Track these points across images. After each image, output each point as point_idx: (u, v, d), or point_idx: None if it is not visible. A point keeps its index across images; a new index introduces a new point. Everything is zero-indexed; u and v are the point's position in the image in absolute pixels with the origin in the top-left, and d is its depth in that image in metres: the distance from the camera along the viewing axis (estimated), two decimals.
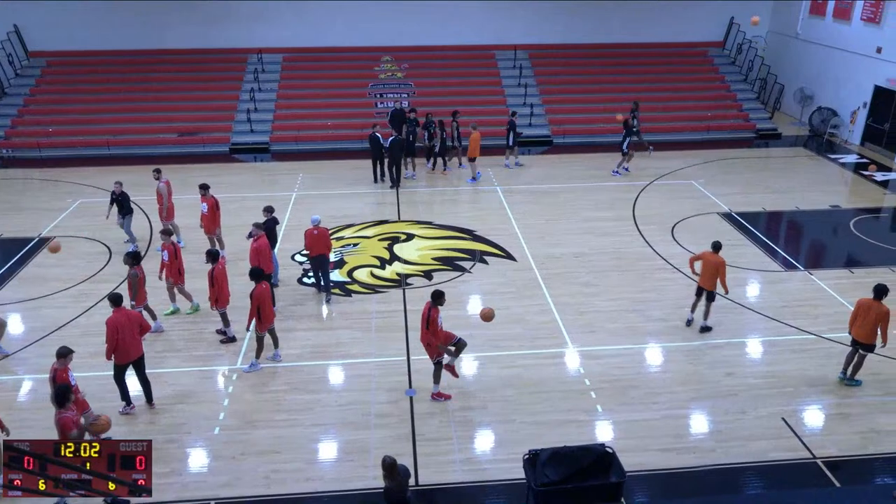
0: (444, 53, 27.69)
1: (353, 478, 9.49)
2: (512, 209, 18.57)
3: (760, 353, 12.41)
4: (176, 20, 26.38)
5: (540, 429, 10.35)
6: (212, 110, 25.19)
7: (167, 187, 15.83)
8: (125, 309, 10.48)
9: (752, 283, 14.80)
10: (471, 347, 12.40)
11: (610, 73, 27.27)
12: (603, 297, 14.08)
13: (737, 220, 17.84)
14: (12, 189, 20.45)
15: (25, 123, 24.22)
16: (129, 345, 10.29)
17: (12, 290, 14.47)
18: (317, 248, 13.74)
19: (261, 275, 11.48)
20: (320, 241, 13.69)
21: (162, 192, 15.74)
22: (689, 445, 10.10)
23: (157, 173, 15.96)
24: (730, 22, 28.51)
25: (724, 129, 25.13)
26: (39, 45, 26.56)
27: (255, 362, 11.80)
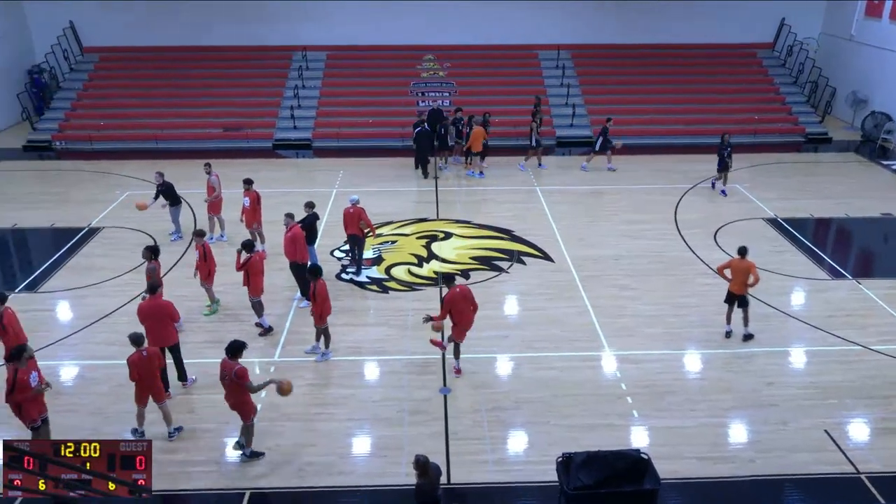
0: (486, 53, 27.64)
1: (385, 474, 9.55)
2: (551, 210, 18.44)
3: (804, 362, 12.09)
4: (224, 18, 26.90)
5: (574, 432, 10.26)
6: (256, 106, 25.61)
7: (217, 180, 16.24)
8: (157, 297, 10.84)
9: (797, 291, 14.42)
10: (505, 348, 12.41)
11: (654, 74, 26.86)
12: (641, 301, 13.89)
13: (782, 226, 17.42)
14: (64, 180, 21.11)
15: (78, 117, 24.97)
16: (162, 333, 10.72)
17: (61, 278, 14.93)
18: (350, 226, 14.55)
19: (318, 272, 11.70)
20: (352, 219, 14.45)
21: (214, 185, 16.18)
22: (727, 455, 9.90)
23: (207, 167, 16.33)
24: (780, 23, 27.81)
25: (771, 132, 24.54)
26: (93, 40, 27.38)
27: (328, 352, 12.08)
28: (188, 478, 9.47)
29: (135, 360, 9.65)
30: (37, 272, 15.21)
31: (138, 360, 9.64)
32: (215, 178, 16.25)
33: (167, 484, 9.35)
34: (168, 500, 9.18)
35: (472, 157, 21.37)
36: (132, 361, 9.66)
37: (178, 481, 9.41)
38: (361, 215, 14.53)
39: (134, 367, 9.66)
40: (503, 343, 12.55)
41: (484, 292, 14.28)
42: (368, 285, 14.61)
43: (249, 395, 9.57)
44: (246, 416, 9.62)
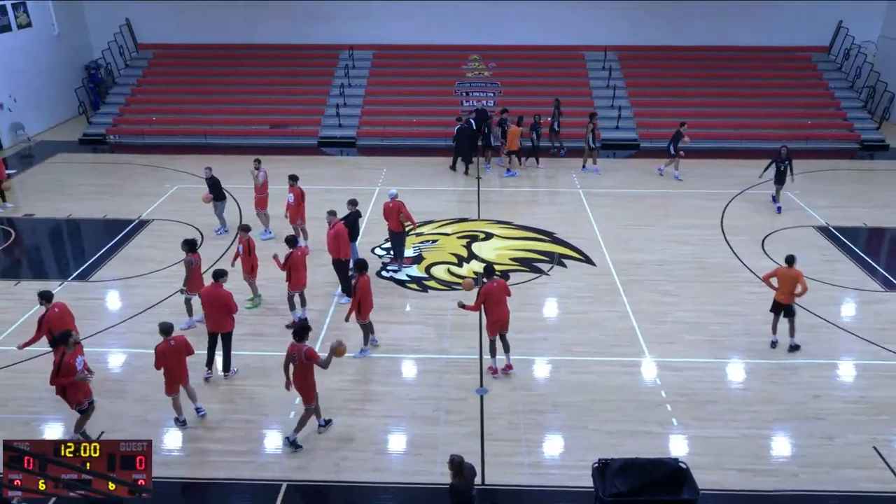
0: (532, 53, 27.48)
1: (419, 472, 9.58)
2: (594, 213, 18.26)
3: (853, 376, 11.71)
4: (273, 17, 27.35)
5: (611, 438, 10.14)
6: (302, 104, 25.97)
7: (265, 176, 16.56)
8: (218, 285, 11.17)
9: (848, 302, 13.99)
10: (543, 350, 12.34)
11: (703, 77, 26.37)
12: (684, 308, 13.65)
13: (834, 235, 16.91)
14: (117, 173, 21.74)
15: (131, 111, 25.69)
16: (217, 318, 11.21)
17: (112, 268, 15.38)
18: (389, 220, 14.78)
19: (365, 267, 11.78)
20: (391, 213, 14.66)
21: (263, 181, 16.53)
22: (770, 468, 9.66)
23: (257, 163, 16.68)
24: (837, 25, 26.97)
25: (825, 138, 23.84)
26: (148, 37, 28.17)
27: (365, 349, 12.18)
28: (228, 467, 9.66)
29: (162, 350, 9.93)
30: (89, 262, 15.70)
31: (166, 350, 9.92)
32: (263, 174, 16.53)
33: (207, 473, 9.57)
34: (207, 489, 9.38)
35: (511, 157, 21.45)
36: (160, 351, 9.95)
37: (219, 470, 9.61)
38: (401, 209, 14.66)
39: (161, 357, 9.95)
40: (542, 345, 12.47)
41: (524, 294, 14.24)
42: (408, 284, 14.68)
43: (314, 378, 9.81)
44: (309, 398, 9.91)
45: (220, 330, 11.26)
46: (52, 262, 16.22)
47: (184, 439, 10.24)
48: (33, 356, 11.67)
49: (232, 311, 11.24)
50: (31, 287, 14.43)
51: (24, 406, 10.85)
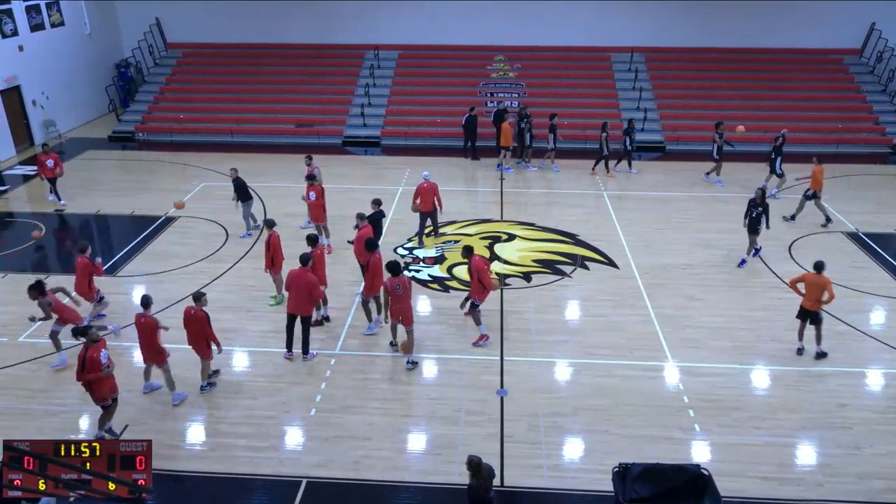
0: (557, 54, 27.36)
1: (438, 472, 9.59)
2: (618, 215, 18.12)
3: (881, 385, 11.48)
4: (299, 16, 27.56)
5: (632, 442, 10.06)
6: (328, 103, 26.13)
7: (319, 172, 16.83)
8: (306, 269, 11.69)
9: (877, 310, 13.72)
10: (565, 353, 12.28)
11: (731, 80, 25.99)
12: (709, 313, 13.49)
13: (864, 241, 16.60)
14: (145, 170, 22.07)
15: (160, 109, 26.05)
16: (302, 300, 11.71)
17: (139, 263, 15.62)
18: (425, 201, 15.97)
19: (375, 245, 12.42)
20: (428, 194, 15.91)
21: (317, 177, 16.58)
22: (794, 476, 9.51)
23: (308, 159, 17.24)
24: (870, 27, 26.47)
25: (856, 142, 23.40)
26: (177, 37, 28.56)
27: (371, 325, 12.72)
28: (249, 462, 9.75)
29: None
30: (116, 257, 15.95)
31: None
32: (316, 170, 16.81)
33: (228, 467, 9.67)
34: (228, 483, 9.47)
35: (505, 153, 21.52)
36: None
37: (240, 465, 9.71)
38: (436, 191, 15.97)
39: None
40: (563, 348, 12.41)
41: (546, 296, 14.19)
42: (430, 284, 14.69)
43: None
44: (410, 321, 11.66)
45: (301, 312, 11.78)
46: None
47: (207, 434, 10.36)
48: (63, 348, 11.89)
49: (316, 296, 11.87)
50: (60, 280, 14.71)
51: (53, 398, 11.05)
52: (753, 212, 15.10)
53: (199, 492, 9.38)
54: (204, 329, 10.84)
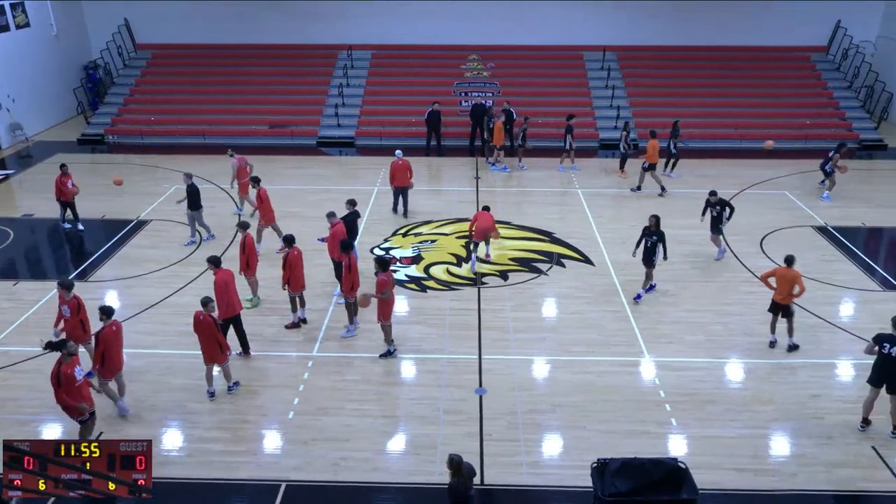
0: (531, 53, 27.48)
1: (418, 472, 9.58)
2: (593, 213, 18.26)
3: (852, 376, 11.71)
4: (271, 17, 27.34)
5: (610, 438, 10.14)
6: (301, 104, 25.95)
7: (238, 163, 17.16)
8: (225, 269, 11.76)
9: (847, 302, 14.00)
10: (542, 351, 12.34)
11: (702, 77, 26.38)
12: (683, 308, 13.65)
13: (833, 235, 16.92)
14: (115, 173, 21.64)
15: (130, 112, 25.67)
16: (233, 301, 11.65)
17: (111, 268, 15.37)
18: (398, 178, 17.26)
19: (349, 246, 12.34)
20: (401, 170, 17.22)
21: (234, 168, 17.12)
22: (769, 467, 9.66)
23: (230, 152, 17.48)
24: (836, 25, 26.99)
25: (823, 137, 23.79)
26: (146, 37, 28.14)
27: (350, 327, 12.62)
28: (227, 467, 9.65)
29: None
30: (87, 262, 15.69)
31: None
32: (236, 161, 17.18)
33: (206, 472, 9.56)
34: (206, 489, 9.36)
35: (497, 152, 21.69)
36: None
37: (217, 470, 9.60)
38: (409, 167, 17.33)
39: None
40: (540, 345, 12.48)
41: (522, 294, 14.25)
42: (407, 284, 14.67)
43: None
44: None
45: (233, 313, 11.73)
46: (51, 262, 16.22)
47: (183, 439, 10.24)
48: (33, 356, 11.67)
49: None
50: (30, 287, 14.46)
51: (22, 406, 10.83)
52: (647, 241, 13.57)
53: (176, 498, 9.24)
54: (214, 333, 10.73)
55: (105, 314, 10.28)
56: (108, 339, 10.23)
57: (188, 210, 16.03)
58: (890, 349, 9.80)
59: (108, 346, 10.22)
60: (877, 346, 9.97)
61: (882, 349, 9.88)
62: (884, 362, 9.92)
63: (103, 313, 10.28)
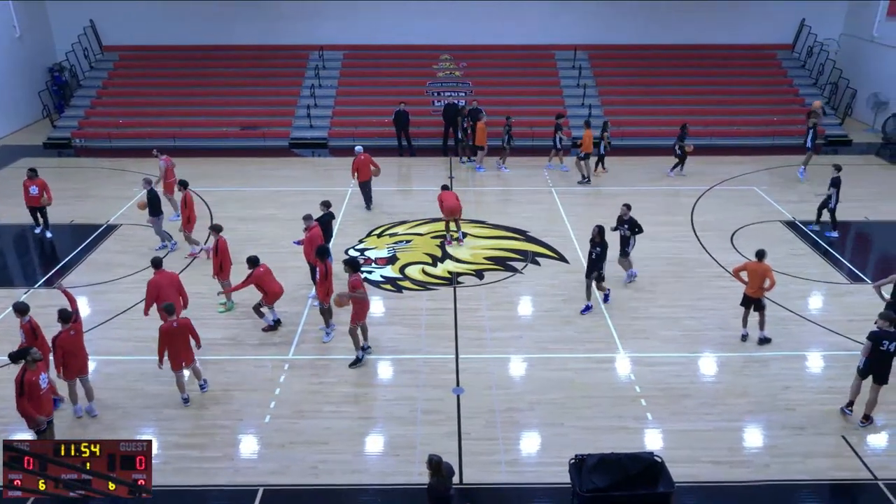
0: (502, 53, 27.57)
1: (397, 472, 9.56)
2: (566, 211, 18.38)
3: (821, 367, 11.96)
4: (241, 17, 27.04)
5: (587, 434, 10.22)
6: (273, 105, 25.73)
7: (166, 164, 17.19)
8: (165, 271, 11.90)
9: (815, 295, 14.28)
10: (519, 349, 12.39)
11: (671, 76, 26.70)
12: (657, 304, 13.80)
13: (801, 230, 17.24)
14: (83, 177, 21.34)
15: (97, 114, 25.21)
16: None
17: (80, 274, 15.09)
18: (363, 172, 17.86)
19: (326, 252, 12.35)
20: (364, 165, 17.81)
21: (161, 169, 17.15)
22: (743, 459, 9.82)
23: (157, 152, 17.55)
24: (800, 24, 27.52)
25: (790, 134, 24.23)
26: (113, 39, 27.62)
27: (329, 330, 12.58)
28: (203, 474, 9.53)
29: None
30: (56, 268, 15.38)
31: (168, 330, 10.49)
32: (164, 161, 17.21)
33: (182, 479, 9.43)
34: (183, 496, 9.24)
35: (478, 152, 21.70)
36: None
37: (194, 477, 9.48)
38: (371, 160, 17.86)
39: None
40: (517, 343, 12.53)
41: (498, 293, 14.30)
42: (383, 284, 14.63)
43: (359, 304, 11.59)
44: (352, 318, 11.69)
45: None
46: (18, 269, 15.87)
47: (158, 446, 10.07)
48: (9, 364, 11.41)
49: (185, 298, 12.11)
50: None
51: None
52: (592, 252, 13.13)
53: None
54: (191, 334, 10.72)
55: (62, 319, 10.13)
56: (65, 344, 10.09)
57: (149, 216, 15.77)
58: (889, 345, 9.91)
59: (66, 352, 10.12)
60: (872, 343, 10.04)
61: (881, 346, 9.95)
62: (881, 357, 10.03)
63: (60, 318, 10.12)
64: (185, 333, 10.61)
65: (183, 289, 12.07)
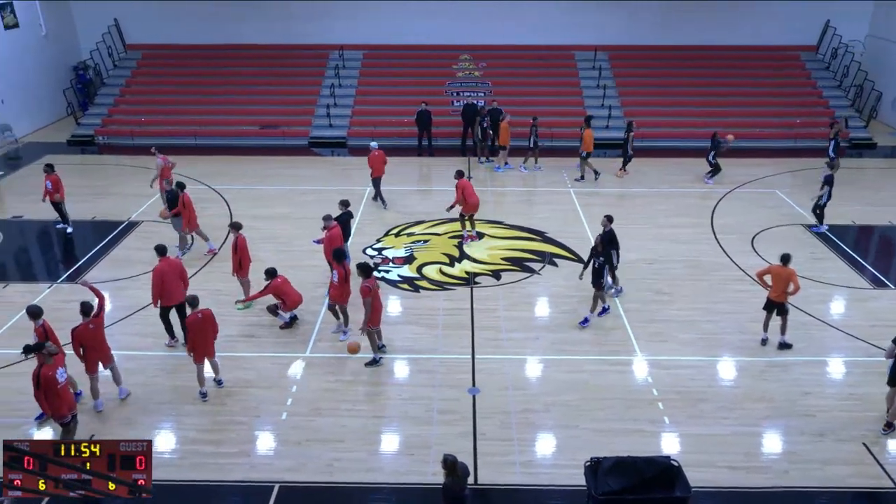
0: (522, 53, 27.49)
1: (412, 472, 9.57)
2: (585, 212, 18.29)
3: (843, 373, 11.79)
4: (262, 17, 27.24)
5: (603, 436, 10.16)
6: (293, 104, 25.87)
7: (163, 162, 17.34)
8: (170, 258, 12.16)
9: (837, 300, 14.08)
10: (535, 350, 12.36)
11: (693, 77, 26.48)
12: (675, 307, 13.69)
13: (823, 233, 17.00)
14: (105, 174, 21.61)
15: (120, 112, 25.52)
16: (172, 289, 11.92)
17: (102, 270, 15.28)
18: (377, 169, 18.07)
19: (343, 255, 12.46)
20: (377, 161, 18.03)
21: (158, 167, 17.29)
22: (761, 465, 9.71)
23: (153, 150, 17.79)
24: (825, 25, 27.14)
25: (813, 137, 23.93)
26: (136, 38, 27.98)
27: (346, 329, 12.68)
28: (219, 469, 9.61)
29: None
30: (78, 264, 15.59)
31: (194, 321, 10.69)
32: (161, 160, 17.34)
33: (198, 475, 9.51)
34: (200, 491, 9.33)
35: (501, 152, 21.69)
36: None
37: (210, 472, 9.56)
38: (384, 158, 17.96)
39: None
40: (533, 345, 12.49)
41: (515, 293, 14.26)
42: (400, 284, 14.66)
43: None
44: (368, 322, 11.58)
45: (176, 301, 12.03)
46: (41, 265, 16.10)
47: (175, 441, 10.19)
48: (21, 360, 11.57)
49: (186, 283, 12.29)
50: (19, 290, 14.36)
51: (13, 410, 10.74)
52: (595, 262, 12.73)
53: (169, 501, 9.20)
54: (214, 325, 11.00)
55: (83, 312, 10.35)
56: (83, 337, 10.29)
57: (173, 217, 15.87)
58: None
59: (86, 346, 10.36)
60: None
61: None
62: None
63: (81, 311, 10.36)
64: (208, 325, 10.80)
65: (186, 276, 12.33)
